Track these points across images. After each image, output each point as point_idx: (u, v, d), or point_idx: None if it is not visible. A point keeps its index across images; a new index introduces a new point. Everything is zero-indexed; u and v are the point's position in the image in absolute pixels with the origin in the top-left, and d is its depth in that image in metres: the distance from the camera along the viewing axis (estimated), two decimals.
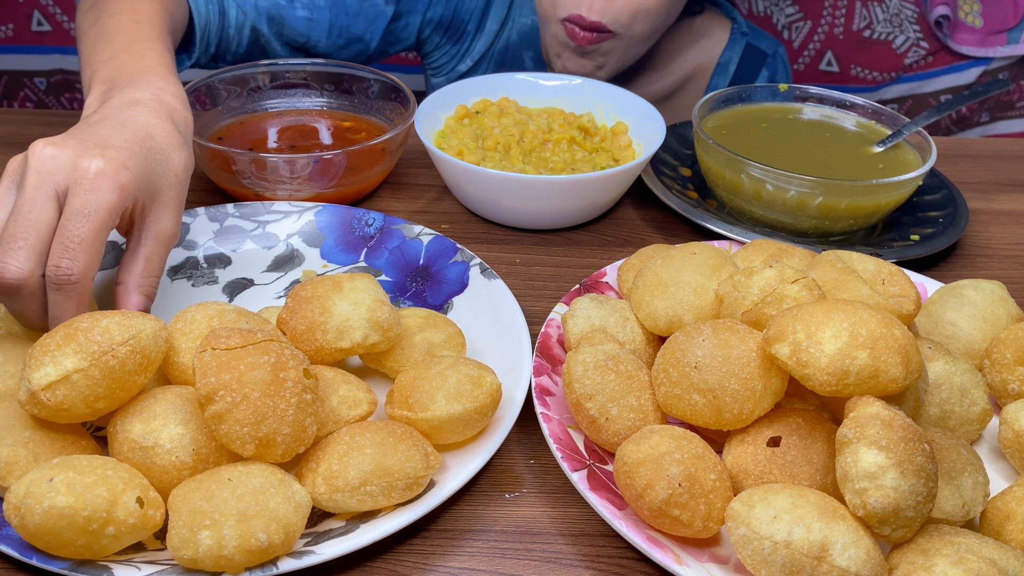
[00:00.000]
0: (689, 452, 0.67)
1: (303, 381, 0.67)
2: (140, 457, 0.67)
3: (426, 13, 1.34)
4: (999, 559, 0.62)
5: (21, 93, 1.84)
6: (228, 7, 1.16)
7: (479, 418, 0.73)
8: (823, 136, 1.15)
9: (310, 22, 1.23)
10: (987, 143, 1.37)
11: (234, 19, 1.17)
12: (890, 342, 0.65)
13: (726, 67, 1.43)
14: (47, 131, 1.22)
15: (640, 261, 0.88)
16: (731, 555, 0.68)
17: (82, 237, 0.70)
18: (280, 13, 1.21)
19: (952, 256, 1.08)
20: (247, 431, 0.65)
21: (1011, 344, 0.80)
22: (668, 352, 0.72)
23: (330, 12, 1.24)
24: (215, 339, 0.67)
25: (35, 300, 0.71)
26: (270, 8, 1.20)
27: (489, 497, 0.75)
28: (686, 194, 1.10)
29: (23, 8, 1.75)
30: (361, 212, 1.00)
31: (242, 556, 0.62)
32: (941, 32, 1.70)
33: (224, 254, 0.97)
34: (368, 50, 1.31)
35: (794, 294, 0.72)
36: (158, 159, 0.77)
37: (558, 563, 0.70)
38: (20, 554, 0.64)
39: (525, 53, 1.41)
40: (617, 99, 1.17)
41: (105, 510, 0.61)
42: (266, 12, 1.20)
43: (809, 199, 1.00)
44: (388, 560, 0.70)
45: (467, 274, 0.93)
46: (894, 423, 0.62)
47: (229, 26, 1.17)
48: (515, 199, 1.02)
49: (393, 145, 1.07)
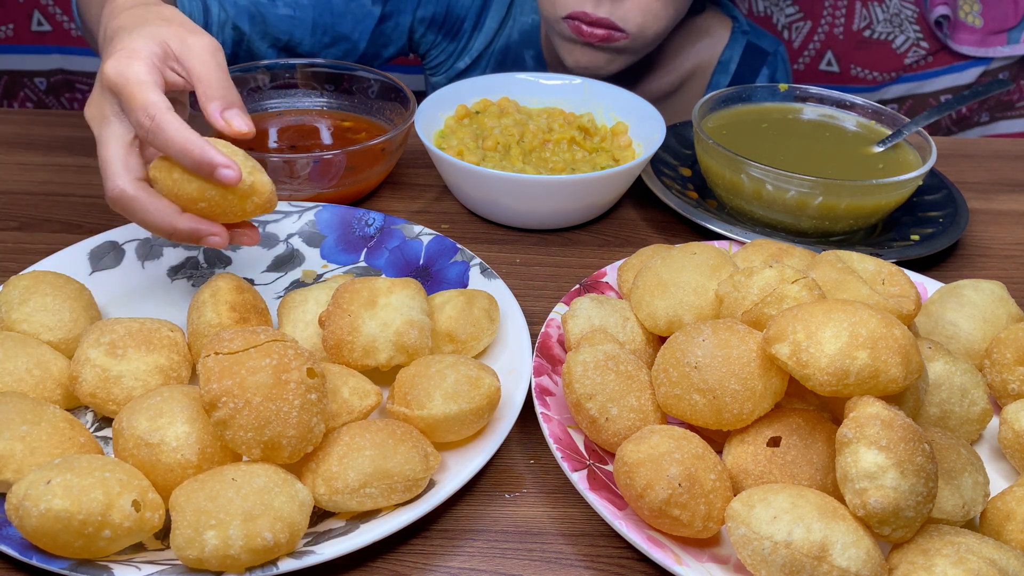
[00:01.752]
0: (689, 452, 0.67)
1: (307, 381, 0.67)
2: (145, 454, 0.67)
3: (416, 12, 1.34)
4: (999, 559, 0.62)
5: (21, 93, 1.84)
6: (211, 4, 1.16)
7: (476, 419, 0.73)
8: (823, 136, 1.15)
9: (292, 20, 1.23)
10: (987, 143, 1.37)
11: (216, 16, 1.18)
12: (890, 342, 0.65)
13: (727, 66, 1.43)
14: (47, 131, 1.22)
15: (640, 261, 0.88)
16: (731, 555, 0.68)
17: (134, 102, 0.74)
18: (261, 11, 1.21)
19: (952, 256, 1.08)
20: (252, 436, 0.65)
21: (1011, 344, 0.80)
22: (668, 352, 0.72)
23: (313, 10, 1.24)
24: (218, 343, 0.67)
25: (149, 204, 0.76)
26: (250, 6, 1.20)
27: (489, 497, 0.75)
28: (686, 194, 1.10)
29: (23, 8, 1.75)
30: (361, 212, 1.00)
31: (248, 556, 0.62)
32: (941, 32, 1.70)
33: (224, 254, 0.97)
34: (357, 50, 1.31)
35: (794, 294, 0.72)
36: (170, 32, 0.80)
37: (558, 563, 0.70)
38: (20, 554, 0.64)
39: (526, 52, 1.41)
40: (617, 99, 1.17)
41: (100, 514, 0.61)
42: (246, 10, 1.20)
43: (809, 199, 1.00)
44: (388, 560, 0.70)
45: (467, 274, 0.93)
46: (894, 423, 0.62)
47: (212, 23, 1.17)
48: (515, 199, 1.02)
49: (393, 145, 1.07)
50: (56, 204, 1.07)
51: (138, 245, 0.95)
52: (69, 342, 0.80)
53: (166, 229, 0.77)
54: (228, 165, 0.74)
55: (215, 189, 0.75)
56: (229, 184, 0.74)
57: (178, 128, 0.73)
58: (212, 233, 0.78)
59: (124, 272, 0.94)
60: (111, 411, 0.74)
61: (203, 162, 0.73)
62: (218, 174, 0.74)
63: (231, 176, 0.74)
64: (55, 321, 0.80)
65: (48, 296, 0.81)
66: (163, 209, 0.76)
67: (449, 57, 1.41)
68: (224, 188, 0.75)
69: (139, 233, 0.96)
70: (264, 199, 0.77)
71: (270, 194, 0.78)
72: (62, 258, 0.92)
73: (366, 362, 0.78)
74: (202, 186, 0.75)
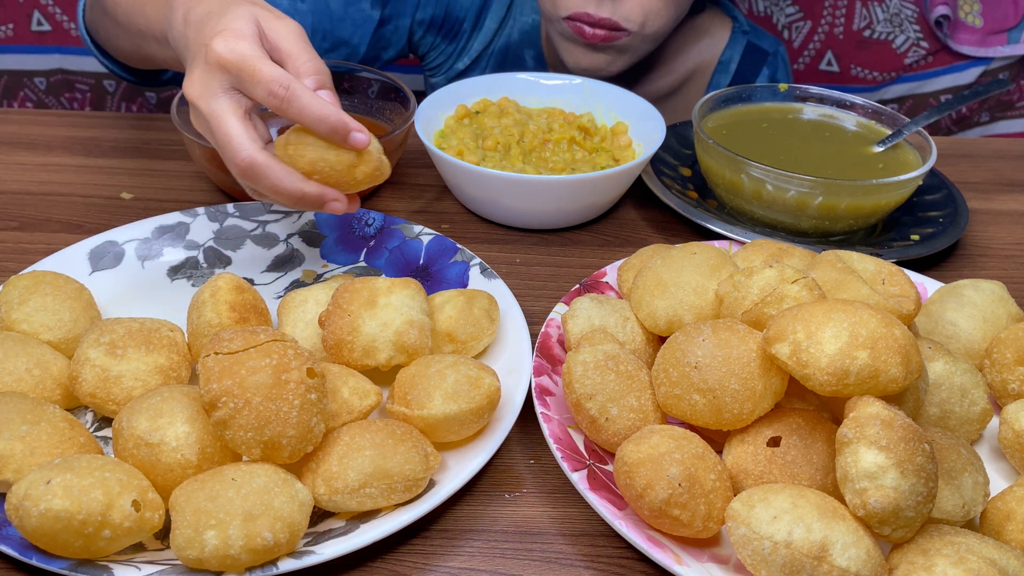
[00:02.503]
0: (689, 452, 0.67)
1: (306, 381, 0.67)
2: (145, 454, 0.67)
3: (415, 14, 1.34)
4: (999, 559, 0.62)
5: (21, 93, 1.84)
6: None
7: (475, 419, 0.73)
8: (823, 136, 1.15)
9: None
10: (987, 143, 1.37)
11: None
12: (890, 342, 0.65)
13: (727, 66, 1.43)
14: (47, 131, 1.23)
15: (640, 261, 0.88)
16: (731, 555, 0.68)
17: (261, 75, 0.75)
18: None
19: (952, 256, 1.08)
20: (251, 436, 0.65)
21: (1011, 344, 0.80)
22: (668, 352, 0.72)
23: (312, 16, 1.24)
24: (218, 343, 0.67)
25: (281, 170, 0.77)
26: None
27: (489, 497, 0.75)
28: (686, 194, 1.10)
29: (23, 8, 1.75)
30: (361, 212, 1.00)
31: (248, 556, 0.62)
32: (941, 32, 1.70)
33: (224, 254, 0.97)
34: (357, 54, 1.30)
35: (794, 294, 0.72)
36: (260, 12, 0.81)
37: (558, 563, 0.70)
38: (20, 554, 0.64)
39: (526, 52, 1.40)
40: (617, 99, 1.17)
41: (100, 514, 0.61)
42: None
43: (809, 199, 1.00)
44: (388, 560, 0.70)
45: (467, 274, 0.93)
46: (894, 423, 0.62)
47: None
48: (515, 199, 1.02)
49: (393, 145, 1.07)
50: (56, 204, 1.07)
51: (138, 245, 0.95)
52: (69, 342, 0.80)
53: (295, 194, 0.78)
54: (360, 129, 0.77)
55: (331, 157, 0.78)
56: (360, 147, 0.77)
57: (311, 96, 0.76)
58: (335, 199, 0.80)
59: (124, 272, 0.94)
60: (111, 411, 0.74)
61: (339, 127, 0.76)
62: (352, 138, 0.77)
63: (363, 140, 0.77)
64: (55, 321, 0.80)
65: (48, 296, 0.81)
66: (293, 175, 0.78)
67: (448, 58, 1.41)
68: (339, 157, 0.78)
69: (139, 233, 0.96)
70: (371, 168, 0.79)
71: (378, 163, 0.80)
72: (62, 258, 0.92)
73: (366, 362, 0.78)
74: (315, 158, 0.78)
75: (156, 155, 1.18)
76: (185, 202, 1.07)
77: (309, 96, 0.76)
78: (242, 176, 0.79)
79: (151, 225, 0.97)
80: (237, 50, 0.76)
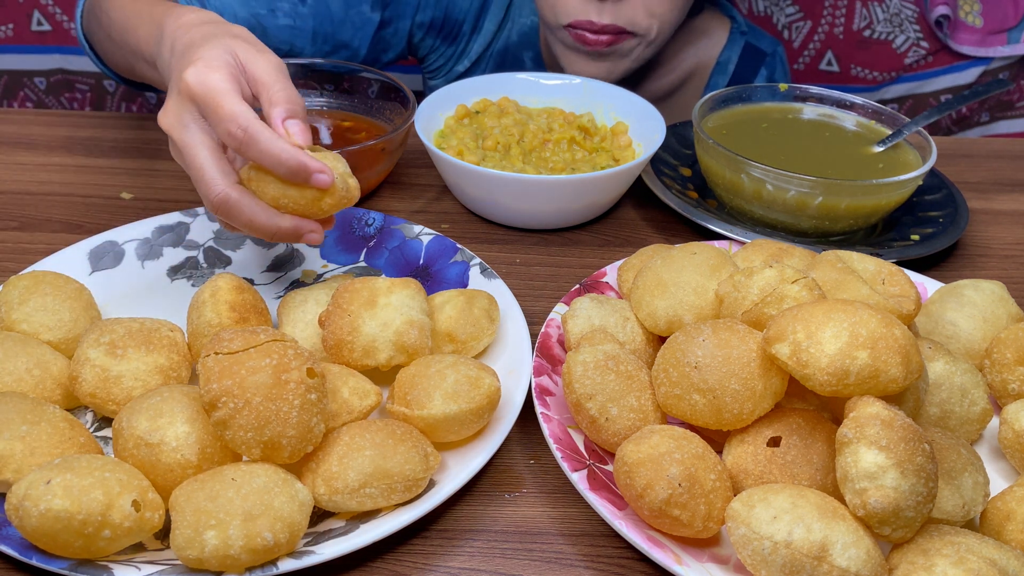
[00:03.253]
0: (689, 452, 0.67)
1: (306, 381, 0.67)
2: (145, 454, 0.67)
3: (415, 17, 1.33)
4: (999, 559, 0.62)
5: (21, 93, 1.84)
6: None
7: (475, 419, 0.73)
8: (823, 136, 1.15)
9: (293, 30, 1.22)
10: (987, 143, 1.37)
11: None
12: (890, 342, 0.65)
13: (725, 66, 1.43)
14: (47, 131, 1.23)
15: (640, 261, 0.88)
16: (731, 555, 0.68)
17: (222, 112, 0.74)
18: (261, 23, 1.20)
19: (952, 256, 1.08)
20: (251, 436, 0.65)
21: (1011, 344, 0.80)
22: (668, 352, 0.72)
23: (314, 20, 1.24)
24: (218, 343, 0.67)
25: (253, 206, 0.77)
26: (249, 18, 1.19)
27: (489, 497, 0.75)
28: (686, 194, 1.10)
29: (23, 8, 1.75)
30: (361, 212, 1.00)
31: (248, 556, 0.62)
32: (941, 32, 1.70)
33: (224, 254, 0.97)
34: (357, 57, 1.30)
35: (794, 294, 0.72)
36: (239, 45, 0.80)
37: (558, 563, 0.70)
38: (20, 554, 0.64)
39: (525, 53, 1.40)
40: (617, 99, 1.17)
41: (100, 514, 0.61)
42: (246, 21, 1.19)
43: (809, 199, 1.00)
44: (388, 560, 0.70)
45: (467, 274, 0.93)
46: (894, 423, 0.62)
47: None
48: (515, 199, 1.02)
49: (393, 145, 1.07)
50: (56, 204, 1.07)
51: (138, 245, 0.95)
52: (69, 342, 0.80)
53: (270, 229, 0.78)
54: (321, 170, 0.76)
55: (293, 193, 0.77)
56: (324, 188, 0.76)
57: (269, 138, 0.74)
58: (312, 230, 0.79)
59: (124, 272, 0.94)
60: (111, 411, 0.74)
61: (299, 170, 0.75)
62: (314, 180, 0.76)
63: (325, 181, 0.76)
64: (55, 321, 0.80)
65: (48, 296, 0.81)
66: (266, 210, 0.78)
67: (448, 61, 1.41)
68: (301, 193, 0.77)
69: (139, 233, 0.96)
70: (336, 198, 0.78)
71: (344, 192, 0.78)
72: (62, 258, 0.92)
73: (366, 362, 0.78)
74: (277, 195, 0.77)
75: (156, 155, 1.18)
76: (185, 202, 1.07)
77: (268, 138, 0.74)
78: (215, 212, 0.78)
79: (151, 225, 0.97)
80: (206, 82, 0.76)
